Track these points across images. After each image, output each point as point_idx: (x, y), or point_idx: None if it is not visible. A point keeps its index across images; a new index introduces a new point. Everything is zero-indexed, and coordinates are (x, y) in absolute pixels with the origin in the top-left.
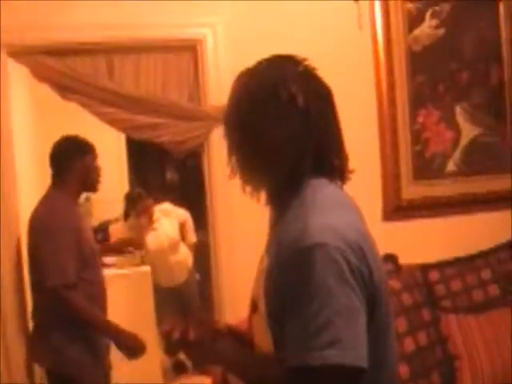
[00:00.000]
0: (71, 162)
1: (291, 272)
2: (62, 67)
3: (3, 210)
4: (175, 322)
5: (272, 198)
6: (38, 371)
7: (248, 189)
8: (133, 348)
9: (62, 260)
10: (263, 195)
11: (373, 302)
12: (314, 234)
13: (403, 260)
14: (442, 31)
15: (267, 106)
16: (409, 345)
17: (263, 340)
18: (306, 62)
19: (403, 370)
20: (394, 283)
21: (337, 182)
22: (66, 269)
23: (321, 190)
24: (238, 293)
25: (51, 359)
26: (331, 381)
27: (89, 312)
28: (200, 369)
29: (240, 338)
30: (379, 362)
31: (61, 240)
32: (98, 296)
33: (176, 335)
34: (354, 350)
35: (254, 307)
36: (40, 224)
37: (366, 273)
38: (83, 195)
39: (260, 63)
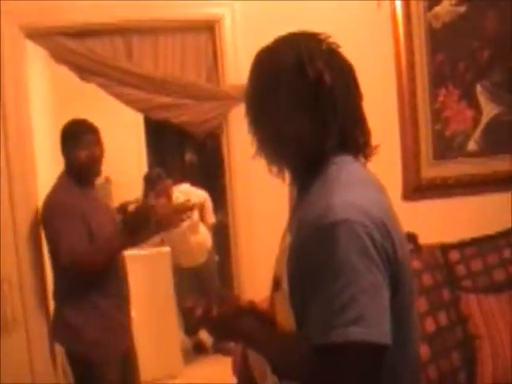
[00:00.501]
0: (66, 146)
1: (314, 249)
2: (81, 48)
3: (22, 189)
4: (198, 299)
5: (297, 176)
6: (59, 350)
7: (273, 168)
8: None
9: (67, 236)
10: (288, 174)
11: (396, 280)
12: (338, 210)
13: (423, 240)
14: (462, 8)
15: (293, 83)
16: (429, 325)
17: (285, 318)
18: (329, 39)
19: (424, 350)
20: (415, 263)
21: (360, 160)
22: (72, 243)
23: (345, 167)
24: (257, 273)
25: (69, 339)
26: (355, 358)
27: (106, 250)
28: (222, 345)
29: (261, 315)
30: (402, 340)
31: (64, 220)
32: (113, 277)
33: (199, 312)
34: (378, 327)
35: (276, 285)
36: (45, 207)
37: (390, 250)
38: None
39: (281, 40)
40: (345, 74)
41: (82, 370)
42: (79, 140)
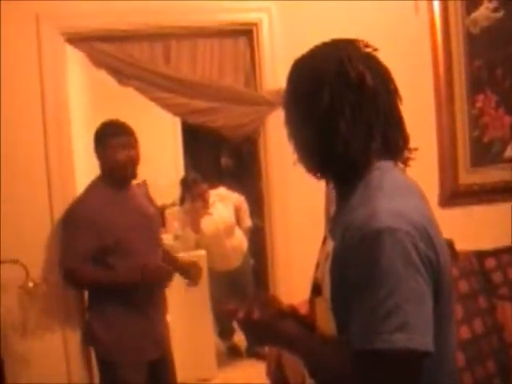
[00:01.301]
0: (98, 148)
1: (359, 256)
2: (119, 53)
3: (60, 189)
4: (239, 301)
5: (338, 181)
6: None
7: (314, 175)
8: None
9: (72, 245)
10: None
11: (438, 287)
12: (383, 218)
13: (459, 246)
14: (500, 13)
15: (336, 87)
16: (465, 332)
17: (326, 324)
18: (366, 44)
19: (459, 357)
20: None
21: (400, 166)
22: (73, 253)
23: (388, 173)
24: (293, 277)
25: (93, 341)
26: (397, 365)
27: (102, 279)
28: (256, 349)
29: (301, 319)
30: (442, 348)
31: (75, 227)
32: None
33: (240, 314)
34: (421, 335)
35: (317, 290)
36: (66, 212)
37: (433, 257)
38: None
39: (319, 47)
40: (383, 77)
41: (105, 372)
42: (110, 142)
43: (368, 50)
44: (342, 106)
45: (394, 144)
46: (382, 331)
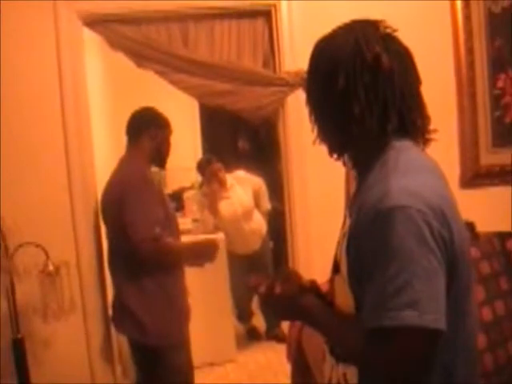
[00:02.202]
0: (146, 132)
1: (372, 233)
2: (137, 35)
3: (80, 174)
4: (261, 277)
5: (357, 161)
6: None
7: (334, 154)
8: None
9: (149, 214)
10: (348, 159)
11: (453, 267)
12: (395, 196)
13: (481, 228)
14: None
15: (352, 68)
16: (486, 314)
17: (344, 301)
18: (385, 24)
19: (480, 339)
20: (472, 251)
21: (419, 145)
22: (152, 223)
23: (404, 152)
24: (312, 260)
25: (131, 328)
26: (408, 342)
27: (184, 249)
28: (275, 331)
29: (321, 296)
30: (457, 327)
31: (145, 197)
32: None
33: (262, 289)
34: (432, 312)
35: (336, 269)
36: (122, 186)
37: (448, 237)
38: None
39: (339, 28)
40: (402, 58)
41: (147, 359)
42: (166, 132)
43: (388, 30)
44: (356, 88)
45: (412, 125)
46: (391, 308)
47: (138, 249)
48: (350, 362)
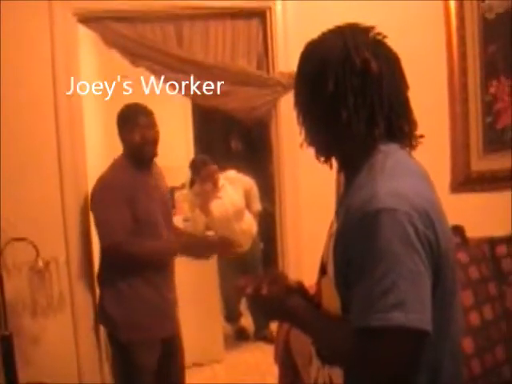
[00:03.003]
0: (123, 129)
1: (358, 235)
2: (132, 33)
3: (71, 170)
4: (249, 278)
5: (344, 164)
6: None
7: (321, 157)
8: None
9: (111, 220)
10: (335, 162)
11: (438, 270)
12: (382, 198)
13: (471, 233)
14: None
15: (341, 73)
16: (474, 319)
17: (331, 303)
18: (375, 30)
19: (468, 343)
20: (461, 256)
21: (406, 149)
22: (114, 227)
23: (391, 156)
24: (302, 261)
25: (107, 320)
26: (395, 343)
27: (149, 250)
28: (263, 332)
29: (308, 296)
30: (442, 330)
31: (111, 204)
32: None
33: (249, 290)
34: (418, 313)
35: (322, 270)
36: (95, 188)
37: (433, 240)
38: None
39: (329, 32)
40: (391, 63)
41: (118, 352)
42: (134, 122)
43: (377, 36)
44: (345, 93)
45: (399, 129)
46: (377, 309)
47: (103, 253)
48: (335, 364)
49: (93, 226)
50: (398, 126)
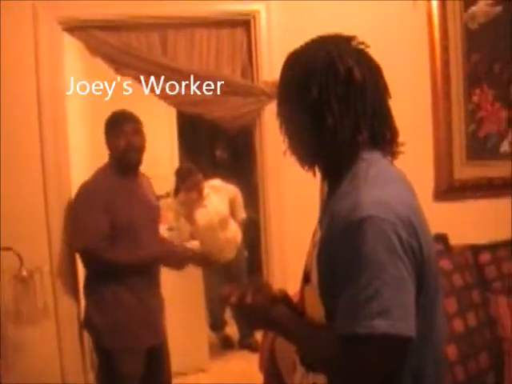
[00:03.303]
0: (109, 135)
1: (343, 244)
2: (117, 42)
3: (55, 179)
4: (234, 287)
5: (327, 172)
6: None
7: (304, 165)
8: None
9: (85, 224)
10: (318, 171)
11: (421, 277)
12: (366, 207)
13: (454, 241)
14: (499, 8)
15: (325, 81)
16: (458, 326)
17: (315, 311)
18: (357, 40)
19: (452, 350)
20: (445, 264)
21: (387, 157)
22: (87, 232)
23: (374, 164)
24: (287, 270)
25: (92, 330)
26: (379, 350)
27: (125, 259)
28: (248, 341)
29: (292, 304)
30: (425, 337)
31: (86, 207)
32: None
33: (233, 299)
34: (402, 321)
35: (306, 279)
36: (76, 194)
37: (416, 247)
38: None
39: (310, 42)
40: (373, 72)
41: (102, 360)
42: (119, 128)
43: (359, 46)
44: (329, 100)
45: (382, 137)
46: (362, 316)
47: (80, 257)
48: (320, 371)
49: None
50: (381, 133)
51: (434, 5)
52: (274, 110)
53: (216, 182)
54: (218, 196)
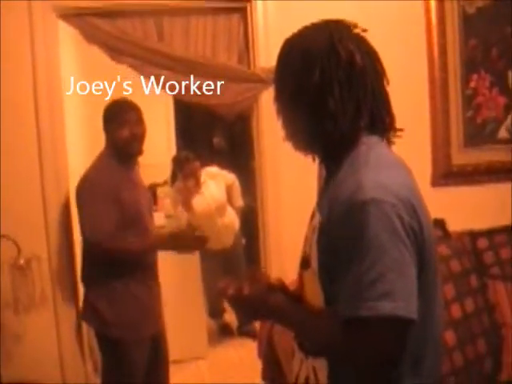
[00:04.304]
0: (110, 124)
1: (345, 227)
2: (112, 29)
3: (52, 169)
4: (230, 279)
5: (326, 156)
6: (86, 329)
7: (302, 150)
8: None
9: (98, 216)
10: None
11: (422, 259)
12: (368, 190)
13: (452, 227)
14: None
15: (327, 65)
16: (456, 311)
17: (314, 296)
18: (356, 25)
19: (450, 336)
20: (443, 249)
21: (385, 141)
22: (99, 224)
23: (374, 148)
24: (284, 257)
25: (95, 320)
26: (382, 331)
27: (128, 249)
28: (247, 328)
29: (289, 293)
30: (426, 316)
31: (95, 200)
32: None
33: (230, 291)
34: (405, 302)
35: (305, 263)
36: (79, 185)
37: (417, 229)
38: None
39: (310, 27)
40: (372, 57)
41: (108, 350)
42: (123, 118)
43: (358, 31)
44: (331, 84)
45: (381, 121)
46: (367, 299)
47: (87, 249)
48: (319, 356)
49: (74, 223)
50: (380, 118)
51: None
52: (271, 97)
53: (213, 169)
54: (215, 183)
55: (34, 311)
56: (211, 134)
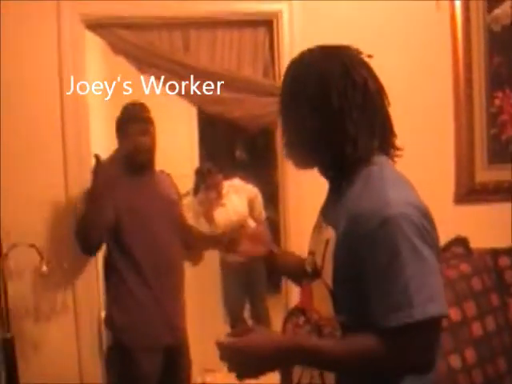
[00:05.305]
0: (117, 133)
1: (378, 241)
2: (139, 40)
3: (77, 178)
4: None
5: (334, 174)
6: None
7: (305, 167)
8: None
9: (89, 222)
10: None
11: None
12: (395, 205)
13: (474, 244)
14: None
15: (343, 89)
16: (477, 329)
17: (323, 305)
18: (360, 52)
19: (470, 354)
20: (464, 267)
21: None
22: (91, 231)
23: (385, 166)
24: None
25: (108, 325)
26: (431, 331)
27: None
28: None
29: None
30: None
31: (92, 202)
32: (154, 269)
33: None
34: (443, 301)
35: (315, 274)
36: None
37: (436, 239)
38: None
39: (316, 51)
40: (378, 81)
41: (118, 356)
42: (125, 131)
43: (366, 58)
44: (350, 109)
45: (388, 141)
46: (417, 304)
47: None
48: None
49: None
50: (387, 138)
51: (458, 6)
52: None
53: (236, 182)
54: (238, 196)
55: (55, 319)
56: (234, 146)
